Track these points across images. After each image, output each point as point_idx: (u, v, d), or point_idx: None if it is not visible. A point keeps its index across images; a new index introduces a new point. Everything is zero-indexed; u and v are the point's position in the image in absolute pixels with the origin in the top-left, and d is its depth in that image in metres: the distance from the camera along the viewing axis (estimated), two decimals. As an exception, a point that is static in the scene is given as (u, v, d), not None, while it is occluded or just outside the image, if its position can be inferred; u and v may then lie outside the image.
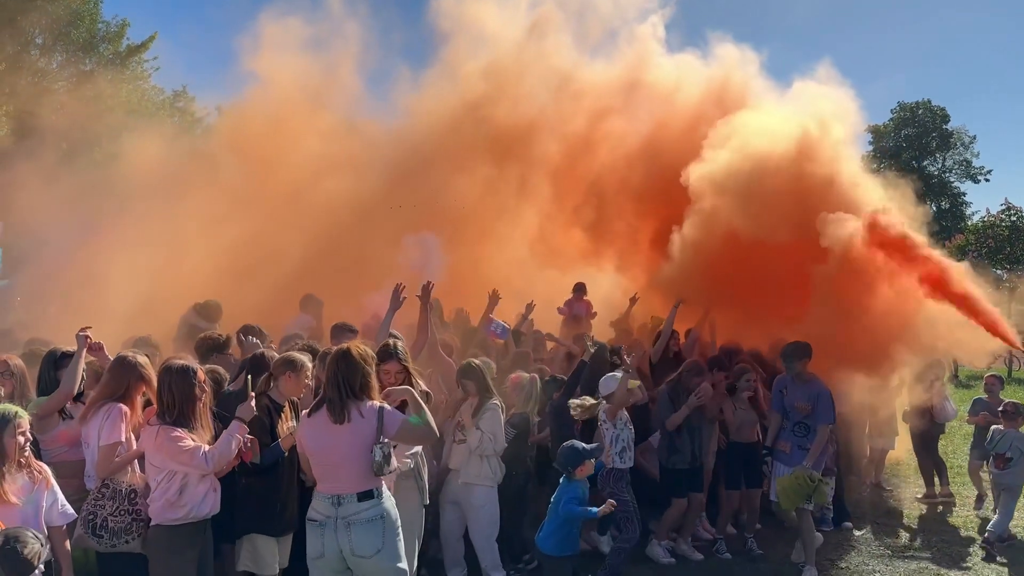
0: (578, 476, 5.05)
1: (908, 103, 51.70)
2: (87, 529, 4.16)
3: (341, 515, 4.00)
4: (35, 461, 3.97)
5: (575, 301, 10.29)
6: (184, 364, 4.31)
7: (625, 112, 10.51)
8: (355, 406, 4.06)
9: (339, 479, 4.06)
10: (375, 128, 12.51)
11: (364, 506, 4.02)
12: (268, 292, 9.39)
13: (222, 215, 10.78)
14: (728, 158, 7.75)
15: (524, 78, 11.08)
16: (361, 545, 3.98)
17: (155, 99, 24.34)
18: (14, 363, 5.15)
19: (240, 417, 4.36)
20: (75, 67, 22.77)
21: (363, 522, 3.99)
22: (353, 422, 4.03)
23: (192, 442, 4.12)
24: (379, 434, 4.02)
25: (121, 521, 4.19)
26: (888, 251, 6.70)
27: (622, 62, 11.20)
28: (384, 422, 4.06)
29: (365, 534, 3.99)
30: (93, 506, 4.21)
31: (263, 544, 4.66)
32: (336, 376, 4.11)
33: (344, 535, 3.98)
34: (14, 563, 3.28)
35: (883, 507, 8.52)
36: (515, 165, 10.86)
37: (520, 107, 10.90)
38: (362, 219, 10.64)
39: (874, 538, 7.45)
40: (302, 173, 11.24)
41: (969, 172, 51.55)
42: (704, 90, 9.98)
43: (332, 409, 4.06)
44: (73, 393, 4.80)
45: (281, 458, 4.63)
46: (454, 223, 10.53)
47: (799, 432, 6.54)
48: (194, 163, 12.65)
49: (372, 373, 4.21)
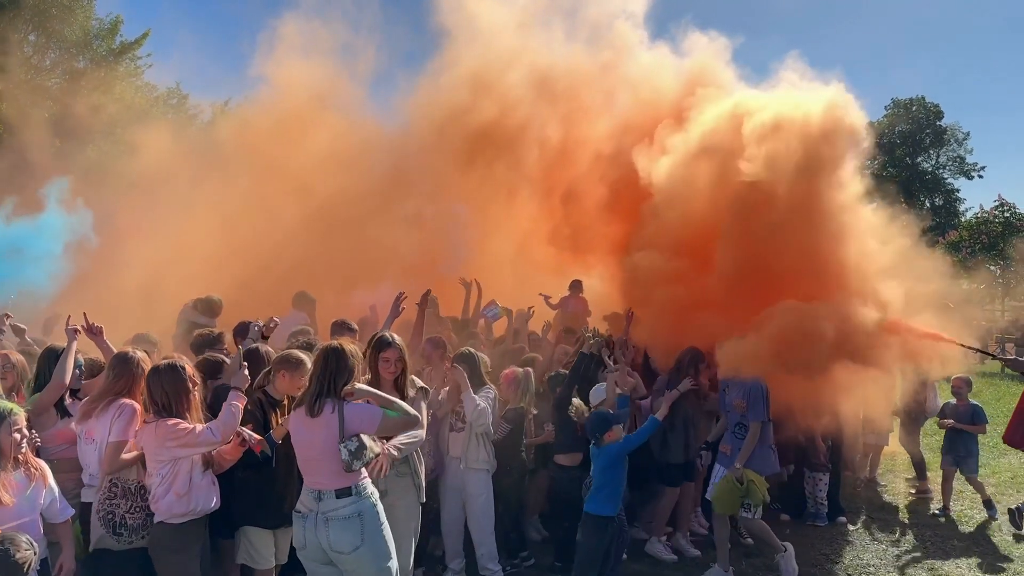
0: (606, 441, 5.37)
1: (902, 99, 52.00)
2: (107, 529, 4.19)
3: (321, 510, 4.06)
4: (33, 458, 3.97)
5: (571, 298, 10.31)
6: (171, 362, 4.34)
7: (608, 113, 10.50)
8: (329, 402, 4.09)
9: (319, 474, 4.10)
10: (376, 130, 12.62)
11: (341, 503, 4.06)
12: (270, 289, 9.41)
13: (228, 212, 10.88)
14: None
15: (510, 82, 11.03)
16: (338, 541, 4.03)
17: (148, 96, 24.27)
18: (15, 358, 5.18)
19: (236, 386, 4.40)
20: (68, 64, 22.69)
21: (340, 519, 4.04)
22: (324, 417, 4.06)
23: (190, 424, 4.19)
24: (342, 432, 4.04)
25: (137, 518, 4.24)
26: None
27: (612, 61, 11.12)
28: (345, 419, 4.06)
29: (342, 531, 4.04)
30: (109, 505, 4.23)
31: (258, 537, 4.70)
32: (324, 371, 4.14)
33: (323, 530, 4.04)
34: (4, 566, 3.29)
35: (877, 502, 8.58)
36: (502, 168, 10.87)
37: (506, 111, 10.88)
38: (363, 217, 10.74)
39: (868, 533, 7.50)
40: (307, 172, 11.34)
41: (963, 168, 51.81)
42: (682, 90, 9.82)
43: (309, 403, 4.11)
44: (65, 384, 4.78)
45: (275, 450, 4.61)
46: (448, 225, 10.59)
47: (739, 434, 6.34)
48: (199, 159, 12.73)
49: (357, 373, 4.24)
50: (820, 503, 7.73)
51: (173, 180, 11.84)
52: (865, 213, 7.27)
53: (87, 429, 4.40)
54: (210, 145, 14.48)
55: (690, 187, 7.24)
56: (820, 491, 7.75)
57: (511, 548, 6.40)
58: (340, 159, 11.50)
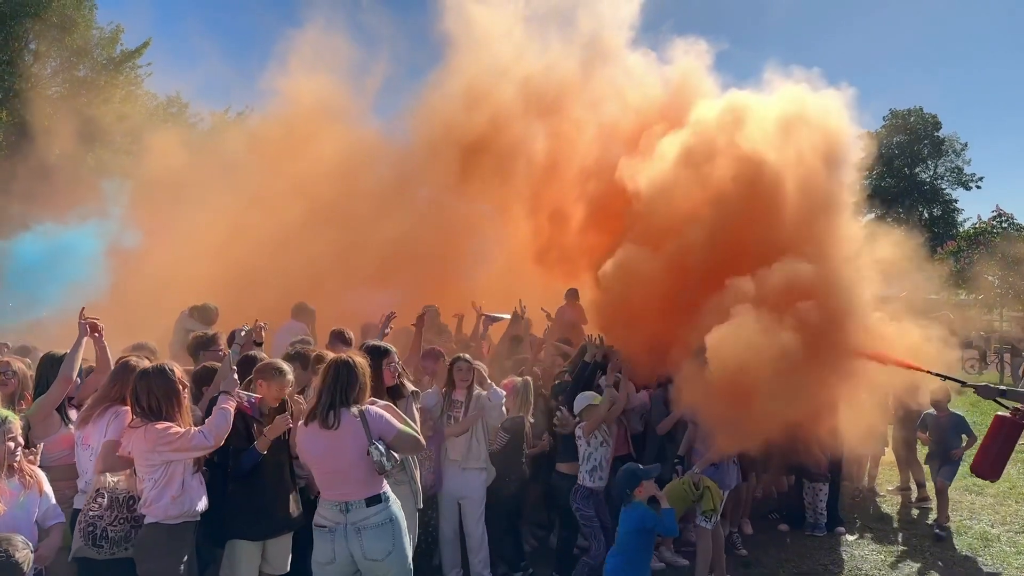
0: (636, 497, 5.00)
1: (900, 110, 52.08)
2: (87, 540, 4.12)
3: (351, 521, 4.07)
4: (28, 466, 3.96)
5: (568, 307, 10.30)
6: (159, 365, 4.33)
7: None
8: (346, 412, 4.12)
9: (344, 485, 4.11)
10: (380, 141, 12.75)
11: (373, 511, 4.10)
12: (275, 297, 9.46)
13: (236, 218, 10.97)
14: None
15: (503, 96, 11.07)
16: (373, 549, 4.06)
17: (148, 105, 24.34)
18: (16, 365, 5.16)
19: (226, 390, 4.41)
20: (69, 72, 22.76)
21: (374, 527, 4.08)
22: (344, 428, 4.09)
23: (181, 428, 4.15)
24: (368, 435, 4.08)
25: (120, 529, 4.18)
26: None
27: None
28: (369, 423, 4.12)
29: (376, 538, 4.07)
30: (91, 517, 4.18)
31: (241, 550, 4.60)
32: (335, 384, 4.16)
33: (355, 540, 4.05)
34: (5, 567, 3.29)
35: (876, 512, 8.56)
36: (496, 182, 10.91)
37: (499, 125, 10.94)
38: (369, 222, 10.84)
39: (867, 543, 7.49)
40: (314, 180, 11.43)
41: (961, 179, 51.86)
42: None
43: (323, 416, 4.12)
44: (72, 379, 4.73)
45: (259, 460, 4.58)
46: (447, 235, 10.64)
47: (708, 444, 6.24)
48: (209, 166, 12.86)
49: (368, 386, 4.28)
50: (819, 513, 7.71)
51: (183, 186, 11.95)
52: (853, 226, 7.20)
53: (84, 435, 4.40)
54: (219, 153, 14.62)
55: (671, 191, 7.12)
56: (820, 501, 7.73)
57: (509, 559, 6.38)
58: (344, 169, 11.59)
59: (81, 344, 4.77)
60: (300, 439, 4.27)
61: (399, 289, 9.42)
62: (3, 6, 20.64)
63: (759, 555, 6.98)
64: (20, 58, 21.65)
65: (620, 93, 10.22)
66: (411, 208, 11.16)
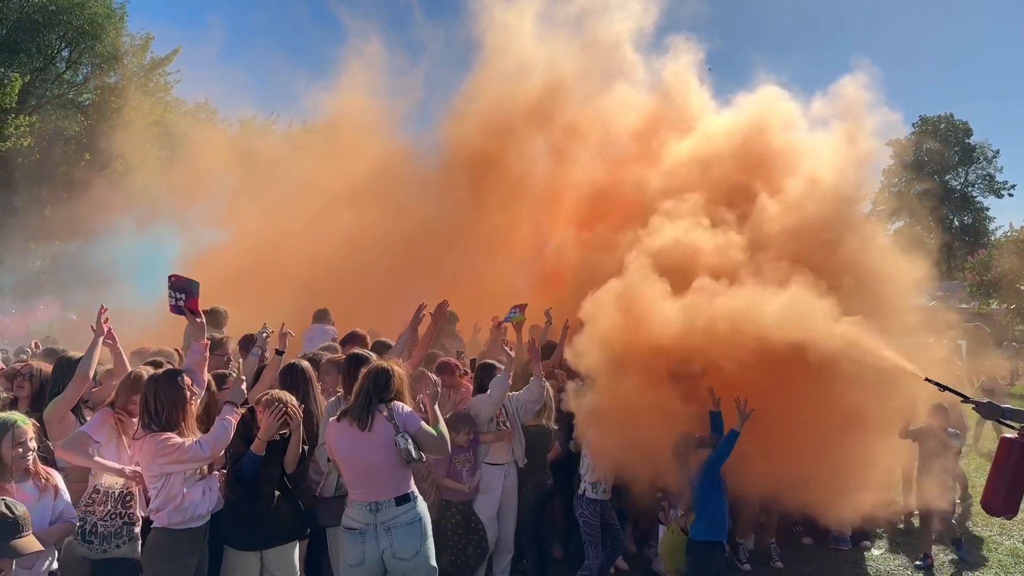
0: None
1: (930, 117, 51.32)
2: (76, 535, 4.12)
3: (380, 520, 4.10)
4: (43, 468, 3.97)
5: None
6: (169, 370, 4.33)
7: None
8: (378, 413, 4.18)
9: (374, 485, 4.14)
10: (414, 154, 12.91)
11: (402, 510, 4.13)
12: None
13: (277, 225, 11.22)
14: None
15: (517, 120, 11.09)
16: (402, 548, 4.08)
17: (177, 111, 24.71)
18: (36, 367, 5.22)
19: (231, 400, 4.40)
20: (100, 79, 23.18)
21: (403, 525, 4.11)
22: (376, 428, 4.14)
23: (180, 439, 4.11)
24: (396, 427, 4.13)
25: (111, 525, 4.19)
26: None
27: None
28: (396, 417, 4.16)
29: (406, 537, 4.10)
30: (83, 512, 4.20)
31: (235, 557, 4.51)
32: (373, 387, 4.23)
33: (385, 540, 4.08)
34: (5, 524, 3.33)
35: (901, 526, 8.38)
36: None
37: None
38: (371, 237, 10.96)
39: (892, 557, 7.33)
40: (354, 191, 11.62)
41: (992, 187, 50.97)
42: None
43: (358, 417, 4.18)
44: (88, 378, 4.73)
45: (260, 467, 4.47)
46: (465, 243, 10.70)
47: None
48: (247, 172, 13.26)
49: (405, 394, 4.34)
50: (844, 527, 7.55)
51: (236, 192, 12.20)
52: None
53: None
54: (256, 158, 14.91)
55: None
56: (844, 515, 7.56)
57: (535, 567, 6.32)
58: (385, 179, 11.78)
59: (97, 345, 4.75)
60: (331, 436, 4.31)
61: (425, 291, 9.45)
62: (36, 14, 21.07)
63: (783, 569, 6.85)
64: (52, 65, 22.09)
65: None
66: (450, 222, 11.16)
